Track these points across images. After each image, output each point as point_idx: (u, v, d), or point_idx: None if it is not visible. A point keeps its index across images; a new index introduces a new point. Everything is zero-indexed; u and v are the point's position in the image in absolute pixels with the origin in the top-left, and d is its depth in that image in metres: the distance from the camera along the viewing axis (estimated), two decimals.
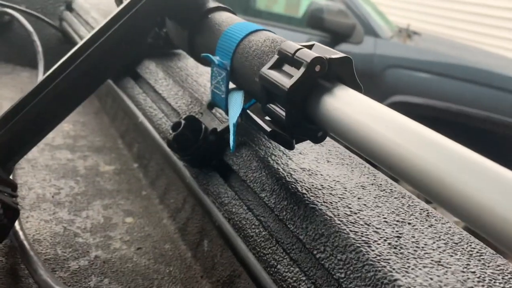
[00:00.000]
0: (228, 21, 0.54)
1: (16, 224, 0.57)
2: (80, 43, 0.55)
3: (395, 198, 0.43)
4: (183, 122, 0.50)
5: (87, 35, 0.55)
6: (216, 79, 0.52)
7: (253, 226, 0.42)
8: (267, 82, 0.41)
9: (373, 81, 2.69)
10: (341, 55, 0.40)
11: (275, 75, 0.40)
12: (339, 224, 0.37)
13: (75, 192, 0.70)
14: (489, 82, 2.53)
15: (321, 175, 0.45)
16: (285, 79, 0.39)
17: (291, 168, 0.45)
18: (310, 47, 0.42)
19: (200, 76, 0.69)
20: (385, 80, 2.68)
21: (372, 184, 0.45)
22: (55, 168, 0.75)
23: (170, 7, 0.56)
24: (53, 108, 0.55)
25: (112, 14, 0.56)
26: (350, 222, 0.38)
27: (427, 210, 0.41)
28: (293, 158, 0.47)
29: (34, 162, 0.76)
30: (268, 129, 0.41)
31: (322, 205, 0.40)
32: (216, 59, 0.50)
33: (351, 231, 0.36)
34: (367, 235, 0.36)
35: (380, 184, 0.45)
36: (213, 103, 0.54)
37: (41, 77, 0.98)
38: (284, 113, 0.40)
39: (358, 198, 0.41)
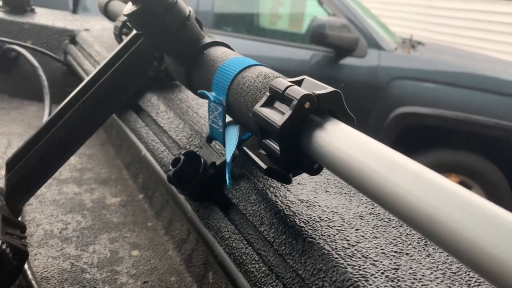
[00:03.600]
0: (223, 56, 0.55)
1: (25, 263, 0.58)
2: (85, 81, 0.57)
3: (393, 227, 0.43)
4: (182, 157, 0.51)
5: (91, 73, 0.57)
6: (213, 113, 0.53)
7: (253, 261, 0.43)
8: (260, 119, 0.42)
9: (379, 93, 2.69)
10: (330, 89, 0.40)
11: (267, 113, 0.41)
12: (337, 258, 0.37)
13: (82, 226, 0.71)
14: (496, 88, 2.52)
15: (319, 206, 0.45)
16: (276, 117, 0.40)
17: (289, 200, 0.46)
18: (299, 82, 0.43)
19: (201, 107, 0.70)
20: (391, 92, 2.68)
21: (370, 214, 0.45)
22: (63, 202, 0.76)
23: (167, 44, 0.58)
24: (60, 147, 0.57)
25: (113, 53, 0.58)
26: (348, 256, 0.38)
27: (425, 239, 0.42)
28: (291, 190, 0.48)
29: (42, 197, 0.77)
30: (264, 166, 0.42)
31: (320, 238, 0.40)
32: (212, 95, 0.51)
33: (348, 265, 0.36)
34: (365, 268, 0.36)
35: (378, 213, 0.45)
36: (211, 137, 0.55)
37: (47, 111, 1.00)
38: (279, 148, 0.41)
39: (356, 230, 0.42)
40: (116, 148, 0.95)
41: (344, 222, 0.43)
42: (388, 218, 0.44)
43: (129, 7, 0.55)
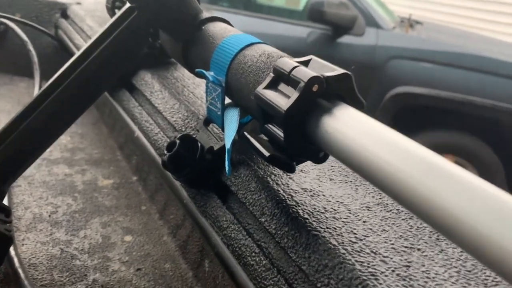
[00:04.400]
0: (222, 33, 0.52)
1: (11, 249, 0.55)
2: (74, 56, 0.53)
3: (402, 219, 0.41)
4: (177, 142, 0.48)
5: (81, 48, 0.54)
6: (211, 95, 0.49)
7: (253, 254, 0.40)
8: (263, 102, 0.39)
9: (376, 72, 2.66)
10: (340, 71, 0.37)
11: (271, 96, 0.38)
12: (344, 253, 0.35)
13: (73, 209, 0.68)
14: (494, 69, 2.49)
15: (324, 196, 0.43)
16: (281, 100, 0.37)
17: (291, 189, 0.43)
18: (306, 63, 0.40)
19: (197, 87, 0.67)
20: (388, 72, 2.65)
21: (378, 204, 0.42)
22: (53, 184, 0.73)
23: (162, 18, 0.54)
24: (49, 125, 0.54)
25: (105, 27, 0.54)
26: (356, 251, 0.35)
27: (437, 233, 0.39)
28: (294, 178, 0.45)
29: (31, 179, 0.74)
30: (266, 153, 0.39)
31: (325, 231, 0.37)
32: (210, 75, 0.48)
33: (356, 261, 0.34)
34: (374, 265, 0.34)
35: (386, 204, 0.43)
36: (209, 119, 0.52)
37: (37, 87, 0.96)
38: (282, 134, 0.38)
39: (364, 222, 0.39)
40: (109, 128, 0.92)
41: (350, 213, 0.40)
42: (397, 209, 0.42)
43: None
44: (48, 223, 0.64)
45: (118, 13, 0.55)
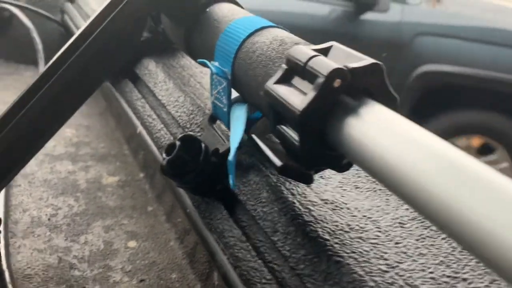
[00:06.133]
0: (229, 16, 0.45)
1: (4, 261, 0.51)
2: (68, 42, 0.48)
3: (442, 239, 0.34)
4: (178, 143, 0.41)
5: (75, 33, 0.48)
6: (216, 88, 0.43)
7: (263, 281, 0.34)
8: (273, 100, 0.32)
9: (402, 51, 2.53)
10: (368, 62, 0.30)
11: (283, 92, 0.32)
12: (373, 287, 0.28)
13: (74, 212, 0.63)
14: None
15: (348, 209, 0.36)
16: (296, 99, 0.30)
17: (310, 200, 0.36)
18: (326, 51, 0.33)
19: (205, 76, 0.60)
20: (414, 49, 2.52)
21: (413, 219, 0.36)
22: (54, 183, 0.68)
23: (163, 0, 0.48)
24: (42, 120, 0.49)
25: (99, 9, 0.48)
26: (387, 283, 0.29)
27: None
28: (312, 186, 0.38)
29: (32, 177, 0.69)
30: (278, 162, 0.32)
31: (350, 256, 0.31)
32: (214, 65, 0.41)
33: None
34: None
35: (424, 219, 0.36)
36: (215, 116, 0.46)
37: None
38: (297, 138, 0.31)
39: (396, 244, 0.33)
40: (117, 119, 0.87)
41: (380, 232, 0.34)
42: None
43: None
44: (47, 227, 0.59)
45: None
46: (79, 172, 0.72)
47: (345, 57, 0.32)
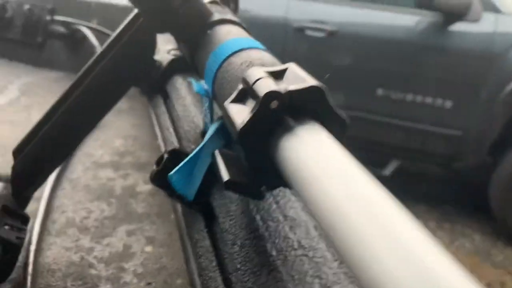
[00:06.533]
0: (223, 37, 0.47)
1: (31, 255, 0.57)
2: (85, 66, 0.54)
3: None
4: (165, 156, 0.44)
5: (92, 57, 0.54)
6: (204, 105, 0.46)
7: None
8: (226, 118, 0.34)
9: (494, 64, 2.34)
10: (308, 84, 0.31)
11: (232, 111, 0.33)
12: None
13: (104, 215, 0.68)
14: None
15: (307, 227, 0.36)
16: (240, 117, 0.32)
17: (272, 216, 0.37)
18: (282, 73, 0.34)
19: None
20: (509, 62, 2.33)
21: None
22: (94, 188, 0.75)
23: (168, 22, 0.51)
24: (65, 134, 0.54)
25: (113, 35, 0.53)
26: None
27: None
28: (281, 201, 0.39)
29: (76, 182, 0.77)
30: (226, 177, 0.34)
31: (288, 273, 0.32)
32: (196, 83, 0.44)
33: None
34: None
35: None
36: (204, 132, 0.48)
37: None
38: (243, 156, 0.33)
39: (340, 264, 0.33)
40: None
41: (328, 252, 0.34)
42: None
43: None
44: (77, 228, 0.65)
45: (125, 20, 0.53)
46: (118, 179, 0.78)
47: (294, 78, 0.33)
